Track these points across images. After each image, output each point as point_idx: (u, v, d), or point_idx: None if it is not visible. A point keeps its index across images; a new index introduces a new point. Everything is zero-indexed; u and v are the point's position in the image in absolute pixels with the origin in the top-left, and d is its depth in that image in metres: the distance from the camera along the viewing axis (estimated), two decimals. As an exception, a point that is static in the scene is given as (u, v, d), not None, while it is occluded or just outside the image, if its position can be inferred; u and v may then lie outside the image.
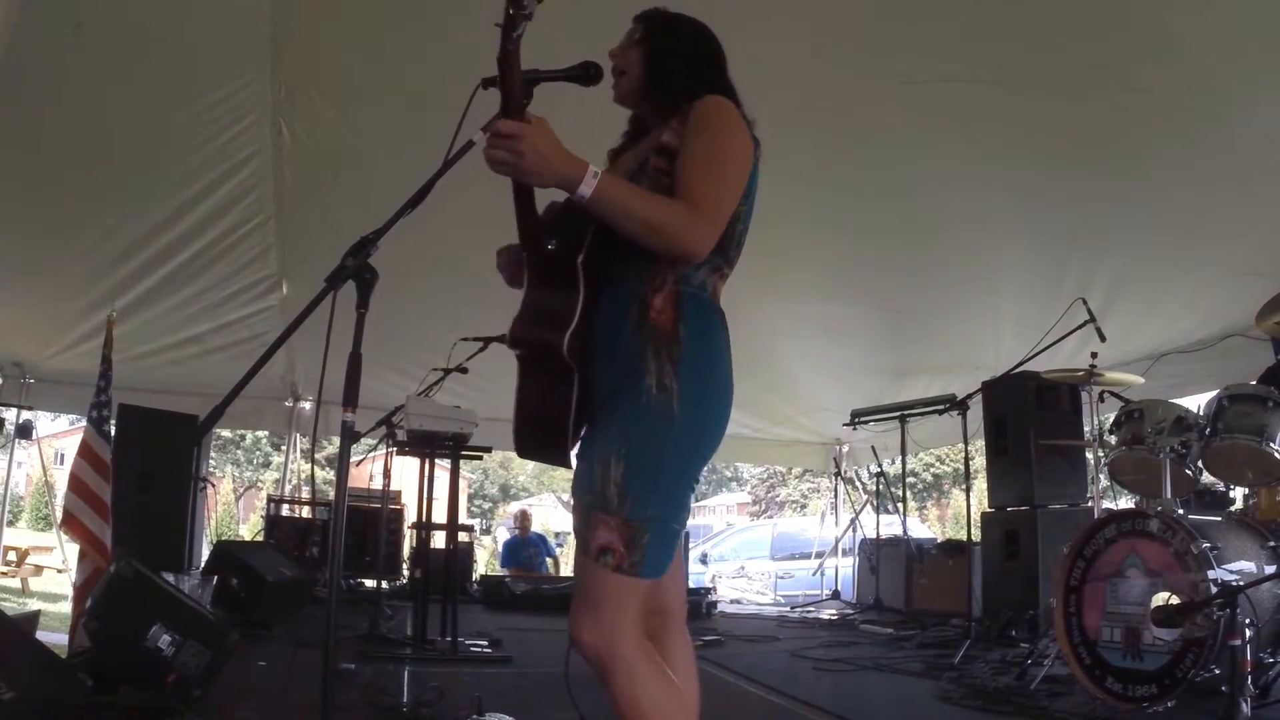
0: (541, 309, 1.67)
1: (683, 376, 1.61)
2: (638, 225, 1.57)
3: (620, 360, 1.64)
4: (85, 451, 4.44)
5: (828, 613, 7.17)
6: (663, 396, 1.60)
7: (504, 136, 1.50)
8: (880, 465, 7.65)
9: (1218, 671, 2.71)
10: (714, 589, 8.58)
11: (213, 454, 15.13)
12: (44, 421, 10.24)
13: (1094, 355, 3.99)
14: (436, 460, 4.63)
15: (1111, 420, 3.97)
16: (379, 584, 6.00)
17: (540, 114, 1.58)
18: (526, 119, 1.54)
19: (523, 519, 10.32)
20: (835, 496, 9.88)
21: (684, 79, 1.75)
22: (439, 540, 5.08)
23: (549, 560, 10.01)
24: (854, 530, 8.24)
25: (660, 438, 1.59)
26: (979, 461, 6.71)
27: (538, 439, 1.73)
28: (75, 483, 4.37)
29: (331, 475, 2.02)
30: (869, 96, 4.72)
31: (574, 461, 1.71)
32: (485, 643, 4.39)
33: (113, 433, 4.82)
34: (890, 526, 7.26)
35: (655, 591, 1.72)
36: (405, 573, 7.35)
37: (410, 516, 6.40)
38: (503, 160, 1.52)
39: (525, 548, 9.72)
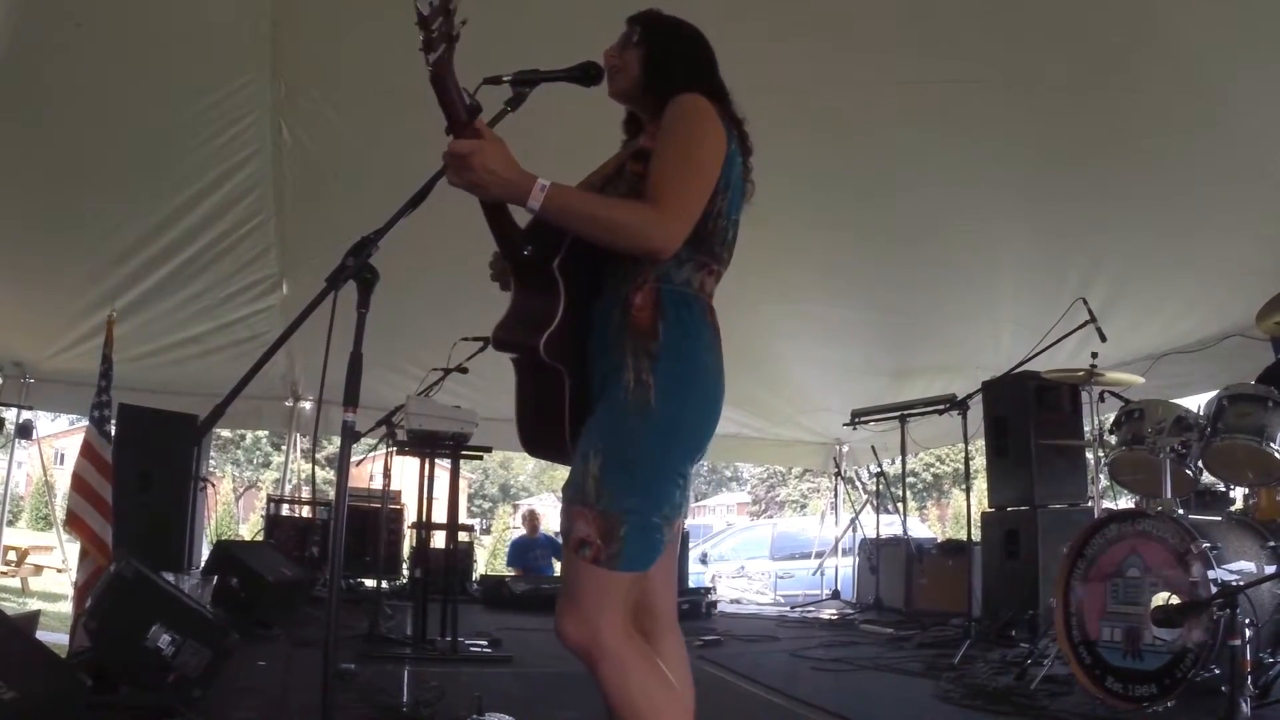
0: (522, 313, 1.71)
1: (660, 371, 1.62)
2: (596, 228, 1.60)
3: (607, 361, 1.67)
4: (88, 451, 4.44)
5: (828, 613, 7.17)
6: (639, 390, 1.61)
7: (455, 156, 1.56)
8: (880, 465, 7.64)
9: (1218, 671, 2.71)
10: (714, 589, 8.57)
11: (213, 454, 15.14)
12: (44, 421, 10.25)
13: (1094, 355, 3.98)
14: (436, 460, 4.64)
15: (1111, 420, 3.97)
16: (379, 584, 6.00)
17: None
18: (479, 134, 1.59)
19: (531, 519, 10.22)
20: (835, 496, 9.86)
21: (682, 80, 1.74)
22: (439, 540, 5.09)
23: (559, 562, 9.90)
24: (854, 530, 8.23)
25: (635, 430, 1.61)
26: (979, 461, 6.70)
27: (540, 440, 1.78)
28: (79, 483, 4.37)
29: (332, 475, 2.02)
30: (869, 96, 4.72)
31: None
32: (485, 643, 4.39)
33: (113, 433, 4.82)
34: (890, 526, 7.26)
35: (644, 590, 1.72)
36: (405, 573, 7.35)
37: (410, 516, 6.40)
38: (454, 180, 1.59)
39: (533, 548, 9.63)
